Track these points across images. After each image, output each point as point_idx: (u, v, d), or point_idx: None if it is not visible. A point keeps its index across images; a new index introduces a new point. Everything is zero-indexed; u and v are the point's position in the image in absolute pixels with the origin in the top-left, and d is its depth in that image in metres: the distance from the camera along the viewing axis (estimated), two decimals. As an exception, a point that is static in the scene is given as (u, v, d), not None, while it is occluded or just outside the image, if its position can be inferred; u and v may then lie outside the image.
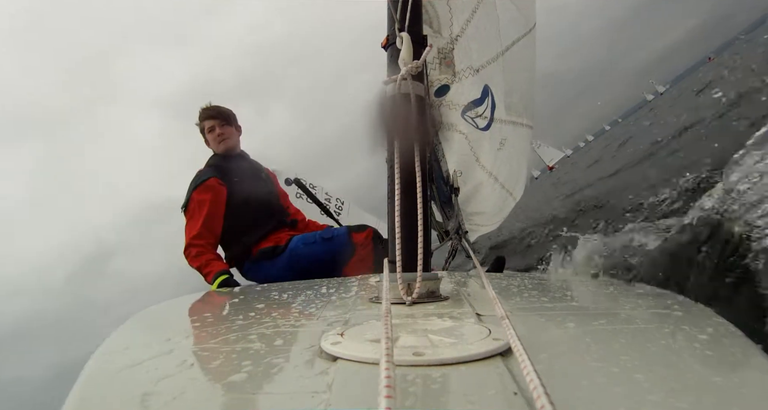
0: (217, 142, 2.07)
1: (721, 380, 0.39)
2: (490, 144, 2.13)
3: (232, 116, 2.13)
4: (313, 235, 1.94)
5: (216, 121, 2.07)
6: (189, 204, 1.91)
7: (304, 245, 1.91)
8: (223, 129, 2.07)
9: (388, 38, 1.09)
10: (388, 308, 0.46)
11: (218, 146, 2.07)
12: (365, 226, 1.92)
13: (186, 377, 0.43)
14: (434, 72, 1.76)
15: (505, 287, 0.91)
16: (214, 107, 2.12)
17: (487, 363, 0.40)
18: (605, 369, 0.40)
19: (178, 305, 0.99)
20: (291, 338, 0.54)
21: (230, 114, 2.13)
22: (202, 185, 1.92)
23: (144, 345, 0.62)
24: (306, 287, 1.00)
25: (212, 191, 1.92)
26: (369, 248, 1.82)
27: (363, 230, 1.87)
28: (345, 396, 0.36)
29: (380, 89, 0.90)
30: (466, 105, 1.89)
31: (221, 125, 2.07)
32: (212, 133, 2.07)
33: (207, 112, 2.10)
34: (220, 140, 2.06)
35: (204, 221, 1.87)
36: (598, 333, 0.52)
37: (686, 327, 0.56)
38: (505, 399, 0.34)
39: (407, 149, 0.79)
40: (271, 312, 0.73)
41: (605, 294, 0.80)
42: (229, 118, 2.12)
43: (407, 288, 0.69)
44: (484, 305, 0.64)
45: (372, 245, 1.83)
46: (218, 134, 2.06)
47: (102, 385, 0.46)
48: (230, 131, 2.10)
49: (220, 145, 2.07)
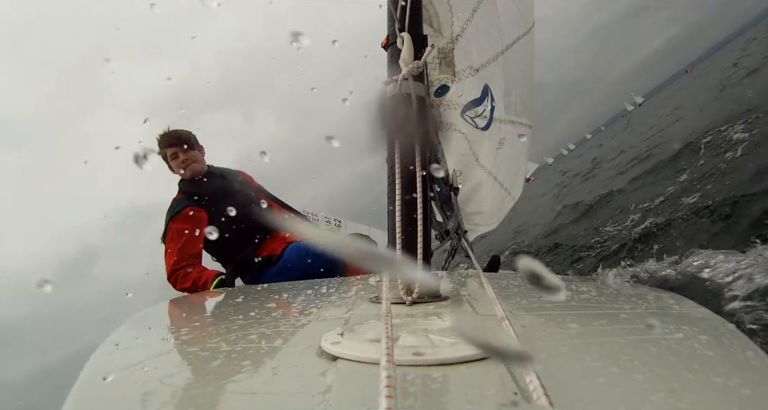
0: (183, 168, 2.00)
1: (721, 380, 0.39)
2: (490, 144, 2.13)
3: (192, 139, 2.06)
4: (306, 248, 1.91)
5: (177, 148, 1.99)
6: (167, 233, 1.88)
7: (298, 257, 1.90)
8: (186, 155, 2.00)
9: (388, 38, 1.09)
10: (388, 308, 0.46)
11: (185, 173, 2.00)
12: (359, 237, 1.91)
13: (186, 377, 0.43)
14: (434, 72, 1.76)
15: (505, 287, 0.91)
16: (173, 132, 2.04)
17: (487, 363, 0.40)
18: (605, 369, 0.40)
19: (178, 305, 0.99)
20: (291, 338, 0.54)
21: (190, 137, 2.05)
22: (178, 216, 1.89)
23: (143, 345, 0.62)
24: (306, 287, 1.00)
25: (190, 222, 1.89)
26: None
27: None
28: (345, 396, 0.36)
29: (381, 89, 0.89)
30: (465, 105, 1.89)
31: (183, 150, 2.00)
32: (176, 160, 2.00)
33: (166, 139, 2.01)
34: (184, 166, 2.00)
35: (181, 248, 1.84)
36: (598, 333, 0.52)
37: (686, 327, 0.56)
38: (505, 399, 0.34)
39: (407, 149, 0.78)
40: (271, 311, 0.73)
41: (605, 294, 0.80)
42: (189, 141, 2.03)
43: (407, 288, 0.69)
44: (484, 306, 0.64)
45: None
46: (183, 161, 1.99)
47: (102, 385, 0.46)
48: (194, 155, 2.03)
49: (186, 171, 2.00)
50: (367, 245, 0.28)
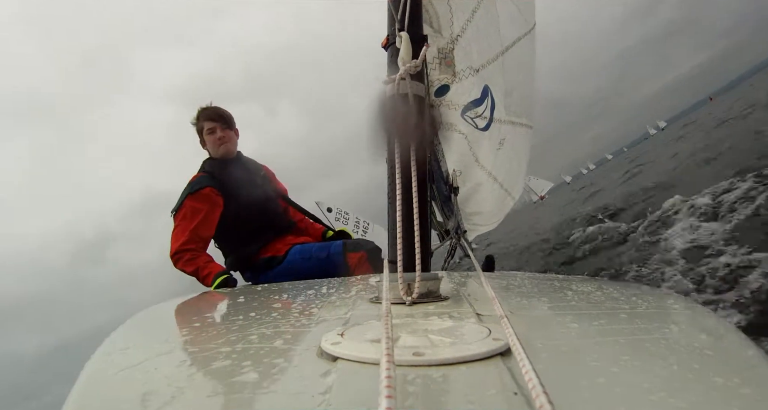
0: (217, 145, 1.97)
1: (721, 380, 0.39)
2: (490, 144, 2.13)
3: (232, 120, 2.04)
4: (310, 249, 1.90)
5: (217, 123, 1.97)
6: (181, 209, 1.83)
7: (301, 259, 1.88)
8: (224, 132, 1.98)
9: (388, 38, 1.09)
10: (388, 308, 0.46)
11: (217, 150, 1.98)
12: (360, 246, 1.87)
13: (186, 377, 0.43)
14: (434, 72, 1.76)
15: (505, 286, 0.91)
16: (215, 107, 2.02)
17: (487, 363, 0.40)
18: (605, 369, 0.40)
19: (178, 305, 0.99)
20: (291, 338, 0.54)
21: (231, 117, 2.04)
22: (198, 193, 1.85)
23: (144, 345, 0.62)
24: (306, 287, 1.00)
25: (208, 202, 1.85)
26: (364, 268, 1.79)
27: (358, 251, 1.83)
28: (345, 396, 0.36)
29: (380, 89, 0.90)
30: (465, 105, 1.89)
31: (222, 127, 1.98)
32: (212, 135, 1.97)
33: (207, 113, 2.00)
34: (220, 143, 1.97)
35: (194, 228, 1.80)
36: (598, 332, 0.52)
37: (686, 327, 0.56)
38: (505, 399, 0.34)
39: (407, 149, 0.79)
40: (271, 312, 0.73)
41: (605, 294, 0.80)
42: (230, 121, 2.02)
43: (407, 288, 0.69)
44: (484, 305, 0.64)
45: (367, 265, 1.80)
46: (219, 138, 1.97)
47: (102, 385, 0.46)
48: (230, 134, 2.01)
49: (219, 148, 1.98)
50: None
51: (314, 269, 1.80)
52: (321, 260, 1.84)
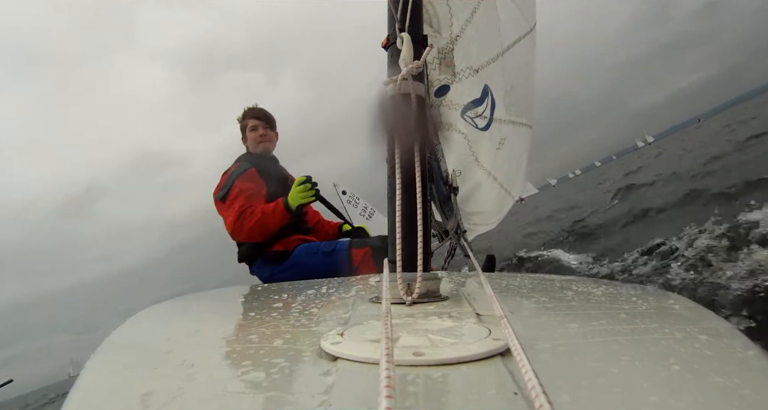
0: (257, 142, 2.14)
1: (721, 380, 0.39)
2: (490, 144, 2.13)
3: (275, 121, 2.22)
4: (317, 246, 1.95)
5: (261, 122, 2.15)
6: (231, 190, 1.91)
7: (307, 255, 1.92)
8: (265, 131, 2.15)
9: (388, 38, 1.09)
10: (388, 308, 0.46)
11: (257, 147, 2.14)
12: (366, 243, 1.91)
13: (186, 377, 0.43)
14: (434, 72, 1.76)
15: (505, 286, 0.91)
16: (261, 108, 2.20)
17: (487, 363, 0.40)
18: (605, 369, 0.40)
19: (178, 304, 0.99)
20: (291, 338, 0.54)
21: (274, 119, 2.22)
22: (245, 174, 1.96)
23: (144, 344, 0.62)
24: (306, 287, 1.00)
25: (254, 181, 1.97)
26: (368, 265, 1.81)
27: (363, 247, 1.87)
28: (345, 396, 0.36)
29: (380, 89, 0.90)
30: (465, 105, 1.89)
31: (265, 126, 2.15)
32: (254, 132, 2.14)
33: (253, 112, 2.18)
34: (260, 140, 2.14)
35: (248, 196, 1.88)
36: (598, 333, 0.52)
37: (686, 327, 0.56)
38: (505, 399, 0.34)
39: (407, 149, 0.79)
40: (270, 311, 0.73)
41: (605, 294, 0.80)
42: (272, 122, 2.20)
43: (407, 288, 0.69)
44: (484, 305, 0.64)
45: (372, 262, 1.82)
46: (260, 135, 2.14)
47: (102, 385, 0.46)
48: (271, 134, 2.19)
49: (259, 145, 2.14)
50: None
51: (319, 264, 1.84)
52: (326, 255, 1.88)
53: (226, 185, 1.94)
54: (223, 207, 1.93)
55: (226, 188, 1.93)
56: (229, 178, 1.96)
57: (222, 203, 1.94)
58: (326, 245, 1.94)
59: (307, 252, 1.93)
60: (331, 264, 1.83)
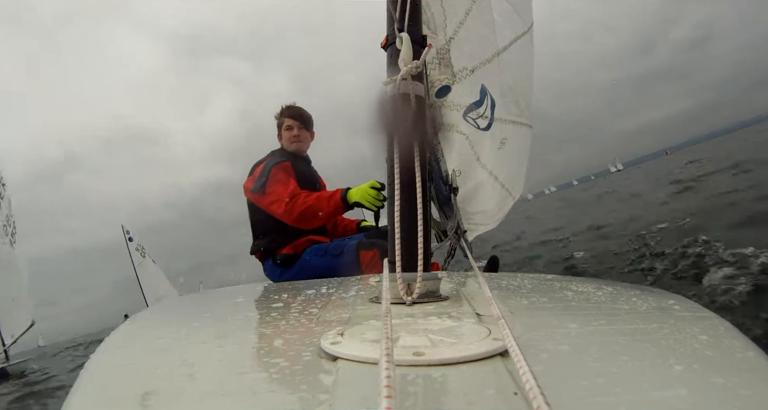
0: (291, 141, 2.16)
1: (721, 380, 0.39)
2: (491, 143, 2.13)
3: (311, 122, 2.23)
4: (325, 248, 1.95)
5: (297, 122, 2.16)
6: (270, 178, 1.92)
7: (315, 257, 1.93)
8: (300, 131, 2.16)
9: (387, 38, 1.09)
10: (388, 308, 0.46)
11: (290, 145, 2.16)
12: (374, 244, 1.89)
13: (186, 377, 0.43)
14: (434, 72, 1.76)
15: (505, 287, 0.91)
16: (298, 108, 2.21)
17: (486, 363, 0.40)
18: (605, 369, 0.40)
19: (178, 304, 1.00)
20: (291, 338, 0.54)
21: (310, 119, 2.23)
22: (281, 164, 1.98)
23: (144, 344, 0.62)
24: (306, 287, 1.00)
25: (289, 172, 1.97)
26: (376, 266, 1.80)
27: (371, 249, 1.85)
28: (345, 396, 0.36)
29: (380, 90, 0.90)
30: (468, 106, 1.89)
31: (300, 127, 2.16)
32: (290, 131, 2.15)
33: (290, 111, 2.19)
34: (294, 140, 2.16)
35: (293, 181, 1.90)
36: (598, 333, 0.52)
37: (686, 327, 0.56)
38: (505, 399, 0.34)
39: (407, 149, 0.79)
40: (271, 311, 0.73)
41: (605, 294, 0.80)
42: (308, 122, 2.21)
43: (407, 288, 0.69)
44: (484, 305, 0.64)
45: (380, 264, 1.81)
46: (295, 135, 2.15)
47: (102, 385, 0.46)
48: (306, 135, 2.20)
49: (292, 144, 2.16)
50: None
51: (327, 266, 1.85)
52: (334, 257, 1.88)
53: (263, 173, 1.95)
54: (262, 195, 1.92)
55: (264, 176, 1.94)
56: (266, 166, 1.98)
57: (261, 190, 1.93)
58: (334, 247, 1.93)
59: (316, 254, 1.93)
60: (339, 266, 1.82)
